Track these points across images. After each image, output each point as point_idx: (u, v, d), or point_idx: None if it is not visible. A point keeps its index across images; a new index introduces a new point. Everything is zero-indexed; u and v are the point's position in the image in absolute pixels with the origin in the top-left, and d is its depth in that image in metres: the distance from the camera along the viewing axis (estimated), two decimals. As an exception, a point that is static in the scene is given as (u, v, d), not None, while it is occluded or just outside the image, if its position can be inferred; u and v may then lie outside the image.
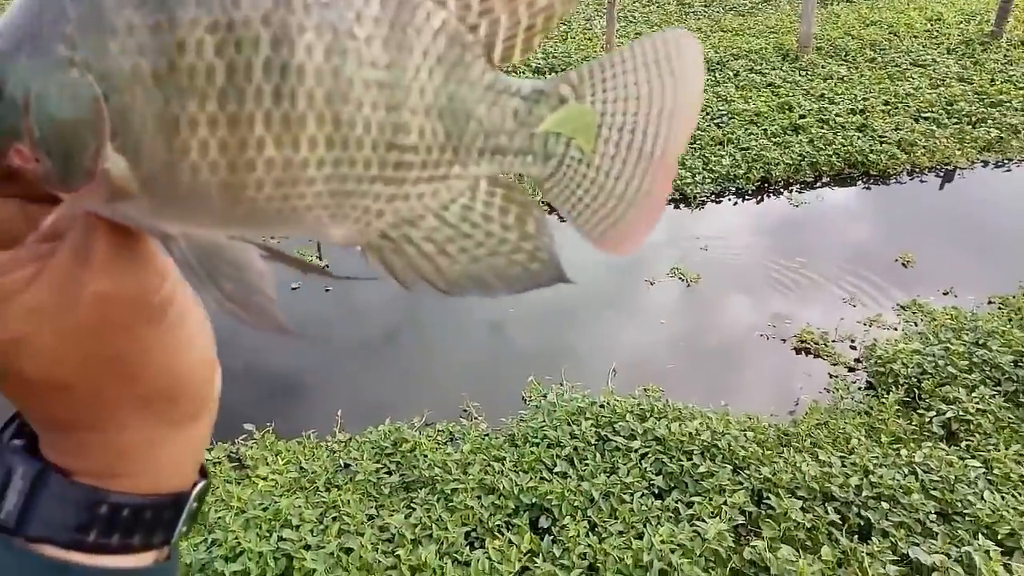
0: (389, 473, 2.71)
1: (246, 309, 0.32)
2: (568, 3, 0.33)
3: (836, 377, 3.45)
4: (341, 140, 0.30)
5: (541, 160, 0.35)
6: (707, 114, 6.23)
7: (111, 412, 0.34)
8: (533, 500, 2.56)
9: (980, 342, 3.37)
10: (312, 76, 0.29)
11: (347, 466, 2.76)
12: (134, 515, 0.36)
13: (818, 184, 5.45)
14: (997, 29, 7.47)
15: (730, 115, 6.14)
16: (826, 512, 2.53)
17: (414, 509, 2.50)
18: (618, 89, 0.36)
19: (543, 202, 0.39)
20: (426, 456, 2.73)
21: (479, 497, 2.55)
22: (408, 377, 3.53)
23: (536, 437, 2.88)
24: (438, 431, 3.03)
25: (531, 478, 2.64)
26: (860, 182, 5.47)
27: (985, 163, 5.67)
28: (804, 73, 6.98)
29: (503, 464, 2.72)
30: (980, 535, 2.43)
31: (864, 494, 2.58)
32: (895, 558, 2.38)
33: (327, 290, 3.76)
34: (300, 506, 2.40)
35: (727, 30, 8.36)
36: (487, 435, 2.99)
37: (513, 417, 3.12)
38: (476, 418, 3.17)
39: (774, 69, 7.05)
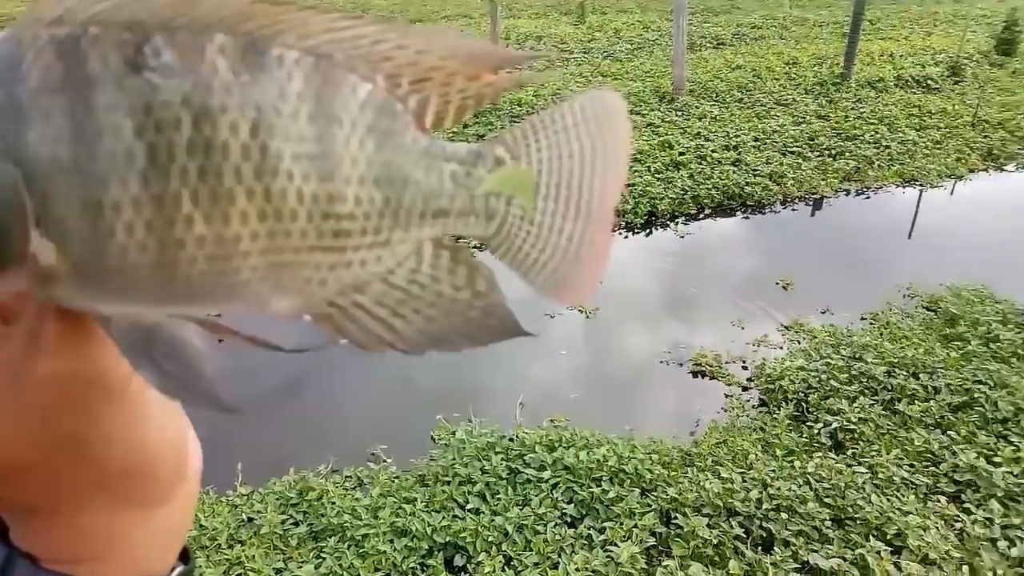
0: (296, 524, 2.59)
1: (187, 389, 0.31)
2: (498, 93, 0.34)
3: (731, 397, 3.60)
4: (274, 213, 0.30)
5: (484, 220, 0.36)
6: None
7: (72, 495, 0.33)
8: (447, 539, 2.51)
9: (856, 356, 3.62)
10: (238, 152, 0.29)
11: (250, 520, 2.61)
12: None
13: (701, 216, 5.75)
14: (846, 71, 8.22)
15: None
16: (731, 527, 2.61)
17: (324, 559, 2.40)
18: (552, 147, 0.37)
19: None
20: (334, 503, 2.63)
21: (391, 541, 2.48)
22: (313, 425, 3.40)
23: (447, 475, 2.84)
24: (346, 477, 2.93)
25: (443, 517, 2.59)
26: (739, 212, 5.82)
27: (847, 191, 6.16)
28: (680, 113, 7.40)
29: (414, 505, 2.66)
30: (871, 537, 2.58)
31: (764, 506, 2.69)
32: (796, 566, 2.49)
33: (220, 340, 3.57)
34: (201, 565, 2.24)
35: (607, 75, 8.76)
36: (397, 477, 2.92)
37: (423, 457, 3.06)
38: (385, 461, 3.09)
39: (653, 110, 7.44)
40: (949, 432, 3.08)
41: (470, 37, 0.34)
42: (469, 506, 2.68)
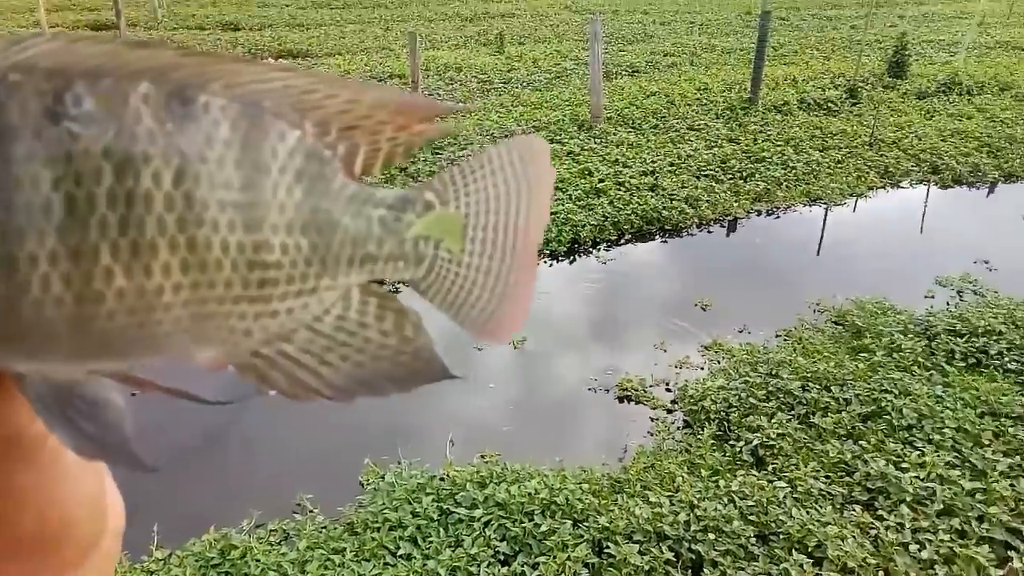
0: (218, 587, 2.49)
1: (105, 449, 0.30)
2: (426, 141, 0.35)
3: (656, 420, 3.68)
4: (198, 263, 0.29)
5: (413, 264, 0.36)
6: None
7: None
8: (378, 589, 2.47)
9: (773, 372, 3.76)
10: (161, 202, 0.28)
11: (167, 587, 2.50)
12: None
13: (622, 241, 5.89)
14: (753, 96, 8.61)
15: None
16: (661, 551, 2.66)
17: (249, 622, 2.31)
18: (480, 192, 0.38)
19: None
20: (259, 560, 2.55)
21: (320, 596, 2.42)
22: (234, 479, 3.29)
23: (376, 521, 2.79)
24: (270, 531, 2.84)
25: (374, 566, 2.55)
26: (658, 236, 5.98)
27: (759, 212, 6.43)
28: (599, 141, 7.58)
29: (343, 556, 2.60)
30: (793, 551, 2.67)
31: (692, 528, 2.75)
32: (726, 585, 2.55)
33: (133, 394, 3.43)
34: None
35: (527, 104, 8.92)
36: (324, 527, 2.85)
37: (351, 504, 3.00)
38: (311, 511, 3.01)
39: (572, 138, 7.60)
40: (860, 442, 3.22)
41: (400, 90, 0.34)
42: (400, 552, 2.64)
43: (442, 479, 3.04)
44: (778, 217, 6.41)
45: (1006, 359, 3.85)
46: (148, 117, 0.28)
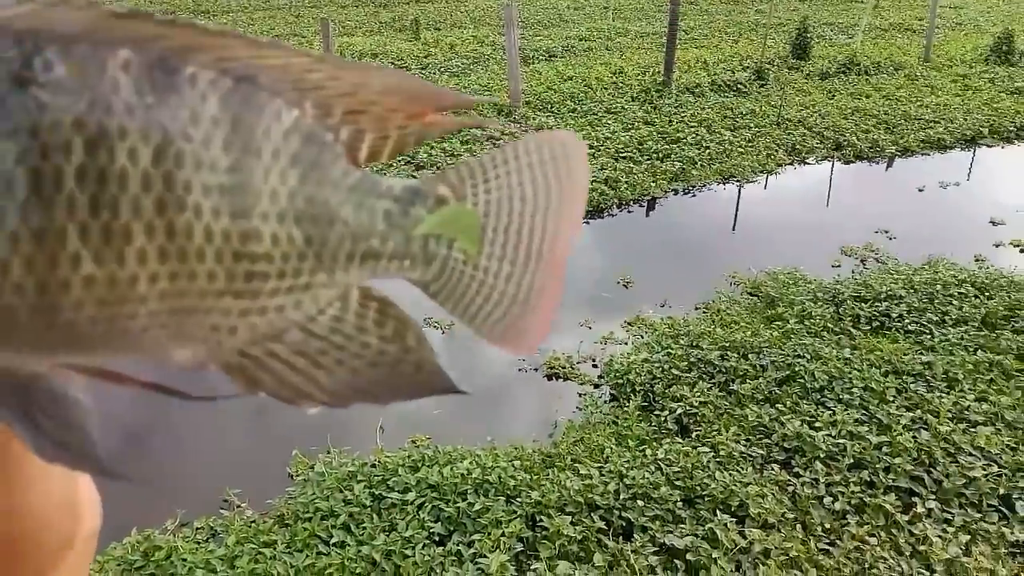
0: (142, 589, 2.41)
1: (67, 451, 0.28)
2: (440, 133, 0.32)
3: (584, 395, 3.75)
4: (177, 252, 0.27)
5: (421, 264, 0.33)
6: (439, 171, 6.52)
7: None
8: (312, 578, 2.43)
9: (693, 344, 3.88)
10: (138, 183, 0.25)
11: (88, 593, 2.40)
12: None
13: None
14: (667, 78, 8.81)
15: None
16: (593, 521, 2.72)
17: (177, 622, 2.25)
18: (503, 189, 0.34)
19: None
20: (185, 560, 2.47)
21: (251, 590, 2.37)
22: (156, 480, 3.17)
23: (307, 512, 2.75)
24: (196, 530, 2.76)
25: (307, 556, 2.51)
26: (580, 218, 6.06)
27: (676, 191, 6.60)
28: (519, 125, 7.62)
29: (275, 548, 2.55)
30: (717, 511, 2.78)
31: (622, 496, 2.82)
32: (655, 549, 2.63)
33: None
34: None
35: (446, 89, 8.87)
36: (253, 522, 2.79)
37: (281, 496, 2.94)
38: (239, 506, 2.94)
39: (502, 112, 7.60)
40: (777, 405, 3.38)
41: (413, 76, 0.31)
42: (333, 540, 2.61)
43: (373, 465, 3.02)
44: (694, 196, 6.60)
45: (906, 321, 4.09)
46: (127, 87, 0.26)
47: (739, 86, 9.15)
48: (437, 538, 2.68)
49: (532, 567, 2.52)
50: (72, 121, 0.25)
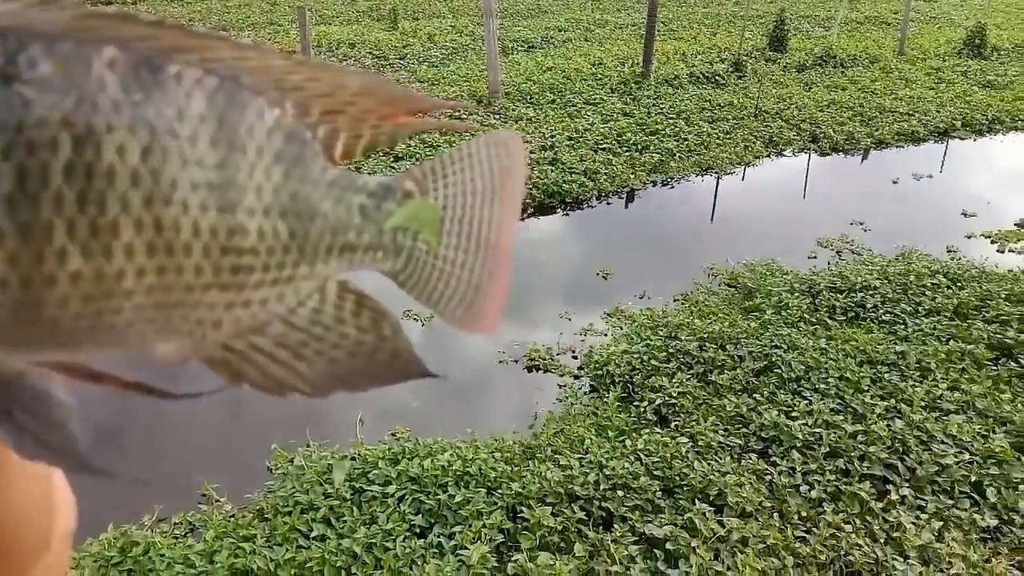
0: (119, 585, 2.38)
1: (47, 449, 0.28)
2: (411, 133, 0.33)
3: (564, 387, 3.76)
4: (165, 246, 0.27)
5: (392, 255, 0.35)
6: (417, 161, 6.48)
7: None
8: (293, 572, 2.42)
9: (672, 335, 3.91)
10: (126, 178, 0.26)
11: (64, 590, 2.37)
12: None
13: (525, 215, 5.94)
14: (645, 70, 8.82)
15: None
16: (573, 511, 2.73)
17: (155, 618, 2.23)
18: (457, 184, 0.37)
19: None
20: (163, 555, 2.45)
21: (231, 585, 2.35)
22: (134, 476, 3.14)
23: (287, 505, 2.74)
24: (174, 524, 2.73)
25: (287, 549, 2.50)
26: (559, 210, 6.07)
27: (655, 183, 6.63)
28: (498, 116, 7.60)
29: (254, 542, 2.54)
30: (696, 500, 2.80)
31: (602, 487, 2.84)
32: (635, 538, 2.65)
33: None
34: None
35: (424, 80, 8.81)
36: (233, 516, 2.77)
37: (260, 490, 2.93)
38: (218, 500, 2.92)
39: (472, 114, 7.57)
40: (754, 395, 3.41)
41: (388, 79, 0.33)
42: (314, 534, 2.60)
43: (353, 458, 3.01)
44: (673, 187, 6.63)
45: (880, 311, 4.15)
46: (113, 85, 0.26)
47: (717, 78, 9.19)
48: (418, 530, 2.68)
49: (513, 558, 2.53)
50: (58, 117, 0.25)
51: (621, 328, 4.24)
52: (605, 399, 3.51)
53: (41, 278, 0.25)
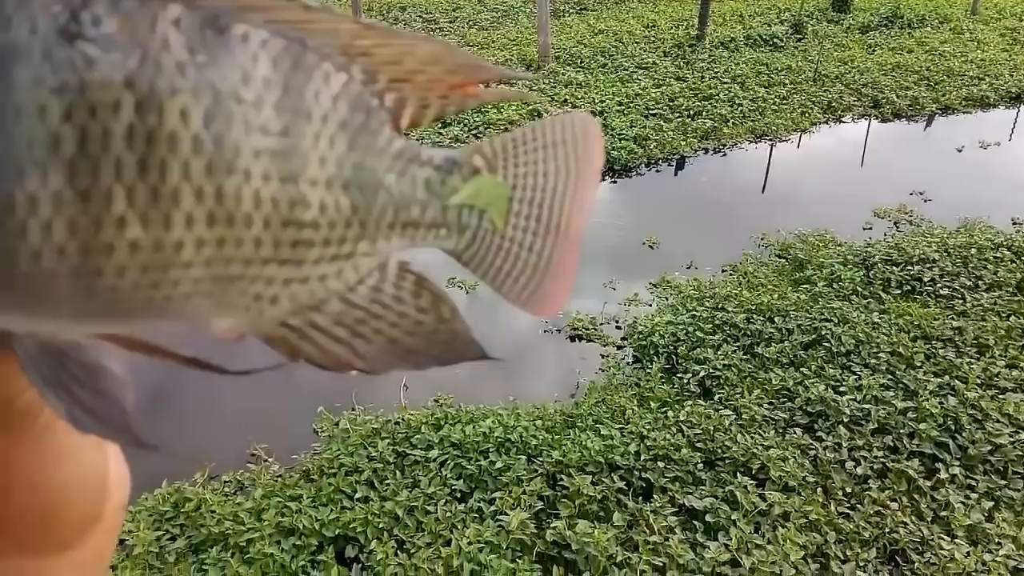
0: (173, 539, 2.49)
1: (97, 419, 0.27)
2: (479, 103, 0.33)
3: (607, 357, 3.75)
4: (225, 217, 0.26)
5: (456, 233, 0.34)
6: (464, 125, 6.46)
7: None
8: (336, 532, 2.50)
9: (719, 306, 3.85)
10: (188, 144, 0.25)
11: (121, 542, 2.50)
12: None
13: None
14: (700, 32, 8.57)
15: (486, 125, 6.43)
16: (613, 481, 2.74)
17: (206, 571, 2.33)
18: (528, 164, 0.36)
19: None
20: (214, 512, 2.55)
21: (278, 542, 2.44)
22: (186, 433, 3.26)
23: (332, 467, 2.82)
24: (224, 483, 2.84)
25: (331, 510, 2.58)
26: (607, 177, 5.99)
27: (706, 150, 6.47)
28: (548, 81, 7.49)
29: (300, 502, 2.62)
30: (738, 474, 2.78)
31: (643, 458, 2.84)
32: (675, 509, 2.65)
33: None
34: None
35: (473, 44, 8.73)
36: (280, 476, 2.86)
37: (306, 452, 3.01)
38: (266, 460, 3.02)
39: (532, 88, 7.49)
40: (801, 369, 3.35)
41: (457, 47, 0.32)
42: (357, 495, 2.67)
43: (397, 423, 3.07)
44: (725, 155, 6.47)
45: (938, 285, 4.01)
46: (178, 45, 0.25)
47: (775, 40, 8.87)
48: (459, 495, 2.73)
49: (552, 525, 2.55)
50: (122, 79, 0.24)
51: (667, 299, 4.19)
52: (648, 370, 3.49)
53: (99, 246, 0.25)
